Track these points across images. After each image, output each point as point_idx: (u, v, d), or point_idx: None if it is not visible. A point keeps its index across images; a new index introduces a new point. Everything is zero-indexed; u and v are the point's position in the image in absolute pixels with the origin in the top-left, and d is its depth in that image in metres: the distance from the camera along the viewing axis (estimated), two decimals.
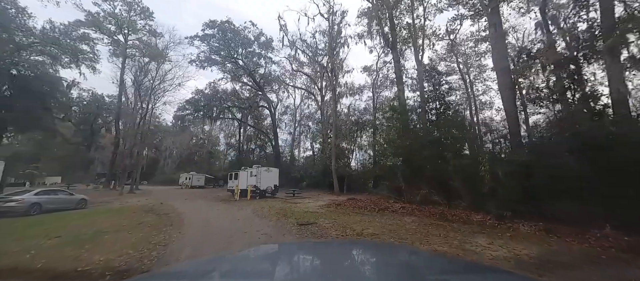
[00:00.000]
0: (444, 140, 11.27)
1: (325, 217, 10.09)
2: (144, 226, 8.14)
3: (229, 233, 7.44)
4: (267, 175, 19.42)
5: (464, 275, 1.33)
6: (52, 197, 11.61)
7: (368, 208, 12.18)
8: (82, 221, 8.95)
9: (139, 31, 32.94)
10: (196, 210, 12.61)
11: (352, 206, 13.14)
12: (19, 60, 17.47)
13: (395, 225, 8.33)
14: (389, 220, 9.31)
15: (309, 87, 35.49)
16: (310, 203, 15.61)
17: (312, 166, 32.20)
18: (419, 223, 8.46)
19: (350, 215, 10.55)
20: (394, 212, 11.02)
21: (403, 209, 11.07)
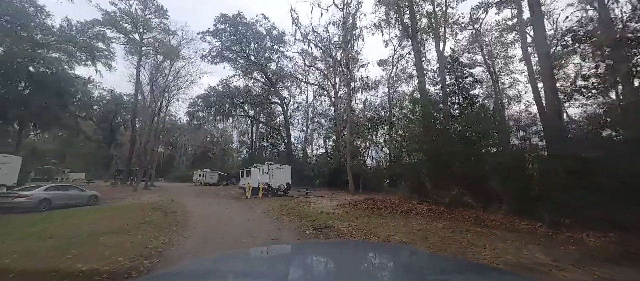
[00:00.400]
0: (475, 135, 9.92)
1: (342, 219, 9.11)
2: (146, 227, 7.51)
3: (236, 236, 6.64)
4: (279, 173, 18.68)
5: (464, 274, 1.33)
6: (62, 193, 11.39)
7: (389, 210, 11.07)
8: (85, 220, 8.49)
9: (153, 29, 33.26)
10: (205, 209, 12.02)
11: (371, 207, 12.07)
12: (37, 56, 17.66)
13: (425, 230, 7.21)
14: (416, 224, 8.17)
15: (322, 82, 34.51)
16: (325, 203, 14.67)
17: (326, 164, 31.24)
18: (453, 229, 7.28)
19: (370, 218, 9.50)
20: (419, 215, 9.85)
21: (430, 212, 9.87)
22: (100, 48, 23.95)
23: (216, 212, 11.01)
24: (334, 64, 28.54)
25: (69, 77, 20.29)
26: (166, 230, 7.06)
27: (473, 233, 6.76)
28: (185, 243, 5.87)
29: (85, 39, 22.34)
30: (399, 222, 8.50)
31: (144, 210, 11.08)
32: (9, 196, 9.95)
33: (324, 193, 21.86)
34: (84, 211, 10.14)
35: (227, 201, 15.55)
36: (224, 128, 59.30)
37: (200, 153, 56.54)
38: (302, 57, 30.63)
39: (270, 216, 9.99)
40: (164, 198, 16.73)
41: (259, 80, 31.92)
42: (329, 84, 34.42)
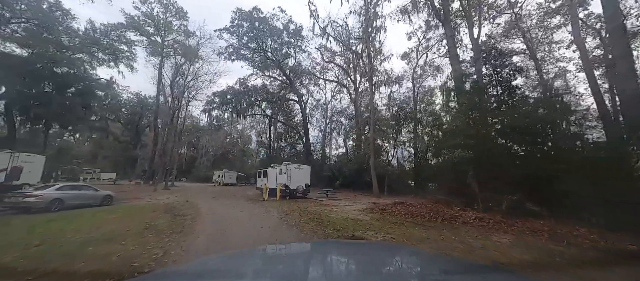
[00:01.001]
0: (543, 126, 7.93)
1: (373, 229, 7.62)
2: (147, 234, 6.54)
3: (247, 248, 5.39)
4: (298, 173, 17.48)
5: (464, 275, 1.34)
6: (75, 193, 10.98)
7: (426, 217, 9.35)
8: (87, 224, 7.76)
9: (174, 32, 33.79)
10: (217, 212, 11.06)
11: (403, 213, 10.39)
12: (61, 58, 17.96)
13: (488, 248, 5.51)
14: (471, 238, 6.46)
15: (341, 79, 33.02)
16: (349, 207, 13.18)
17: (346, 164, 29.66)
18: (526, 248, 5.52)
19: (406, 227, 7.89)
20: (467, 224, 8.06)
21: (481, 221, 8.05)
22: (123, 50, 24.37)
23: (229, 216, 9.96)
24: (354, 58, 26.94)
25: (91, 78, 20.67)
26: (166, 238, 6.00)
27: (569, 258, 4.96)
28: (183, 258, 4.72)
29: (109, 41, 22.73)
30: (447, 234, 6.82)
31: (154, 212, 10.33)
32: (20, 195, 9.59)
33: (346, 195, 20.34)
34: (92, 213, 9.53)
35: (243, 203, 14.59)
36: (242, 129, 59.89)
37: (221, 154, 57.31)
38: (320, 52, 29.40)
39: (288, 222, 8.73)
40: (180, 199, 16.19)
41: (276, 78, 31.15)
42: (349, 81, 32.85)
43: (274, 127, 39.09)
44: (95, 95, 20.14)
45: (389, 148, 28.84)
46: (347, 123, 38.73)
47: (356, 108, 30.31)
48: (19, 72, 17.27)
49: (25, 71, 17.11)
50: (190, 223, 8.16)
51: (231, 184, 37.49)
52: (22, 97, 16.85)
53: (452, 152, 8.80)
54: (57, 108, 17.00)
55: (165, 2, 33.24)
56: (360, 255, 1.78)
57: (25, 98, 16.83)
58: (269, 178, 19.12)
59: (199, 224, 7.98)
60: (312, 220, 8.95)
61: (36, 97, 16.85)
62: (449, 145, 9.64)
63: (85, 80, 20.04)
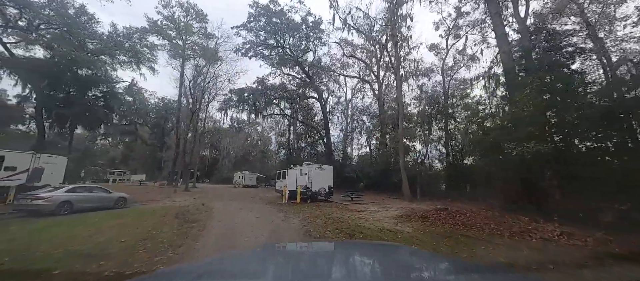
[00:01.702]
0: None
1: (422, 245, 5.84)
2: (144, 246, 5.39)
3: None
4: (320, 175, 15.97)
5: (464, 275, 1.33)
6: (85, 195, 10.37)
7: (485, 230, 7.34)
8: (84, 230, 6.84)
9: (194, 34, 34.09)
10: (232, 217, 9.85)
11: (451, 222, 8.43)
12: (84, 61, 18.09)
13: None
14: (589, 273, 4.45)
15: (363, 74, 31.07)
16: (380, 213, 11.39)
17: (370, 165, 27.68)
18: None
19: (466, 244, 6.02)
20: (550, 242, 5.99)
21: (570, 238, 5.93)
22: (144, 52, 24.62)
23: (243, 223, 8.66)
24: (377, 51, 24.97)
25: (113, 80, 20.89)
26: (158, 257, 4.71)
27: None
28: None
29: (131, 43, 22.97)
30: (536, 257, 4.86)
31: (164, 217, 9.35)
32: (28, 197, 9.04)
33: (372, 199, 18.46)
34: (97, 217, 8.73)
35: (261, 206, 13.35)
36: (262, 130, 59.93)
37: (241, 156, 57.68)
38: (340, 47, 27.74)
39: (311, 233, 7.21)
40: (197, 202, 15.38)
41: (295, 76, 30.04)
42: (371, 76, 30.84)
43: (293, 127, 38.05)
44: (117, 96, 20.30)
45: (417, 146, 26.45)
46: (370, 121, 36.69)
47: (380, 105, 28.23)
48: (46, 76, 17.62)
49: (51, 74, 17.38)
50: (197, 232, 6.93)
51: (251, 186, 36.99)
52: (48, 100, 17.09)
53: (521, 147, 6.76)
54: (80, 109, 17.11)
55: (185, 5, 33.64)
56: (360, 255, 1.80)
57: (51, 100, 17.06)
58: (289, 180, 17.82)
59: (206, 235, 6.72)
60: (340, 230, 7.36)
61: (61, 99, 17.05)
62: (513, 138, 7.53)
63: (107, 82, 20.23)
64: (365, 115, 37.59)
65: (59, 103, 16.94)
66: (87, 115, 18.02)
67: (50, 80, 17.46)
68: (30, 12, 17.63)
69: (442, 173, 24.98)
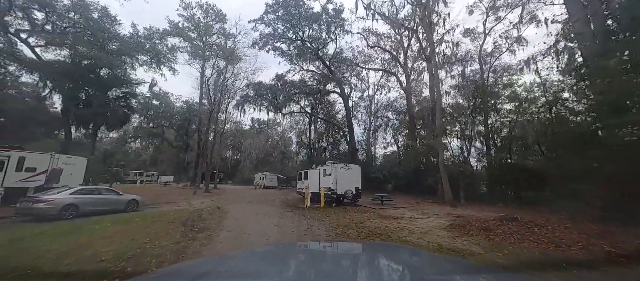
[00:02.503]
0: None
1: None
2: (131, 262, 4.01)
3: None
4: (345, 175, 14.17)
5: (464, 275, 1.32)
6: (93, 198, 9.57)
7: (592, 252, 5.11)
8: (73, 241, 5.73)
9: (213, 35, 34.00)
10: (246, 224, 8.41)
11: (531, 239, 6.22)
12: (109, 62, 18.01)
13: None
14: None
15: (389, 66, 28.69)
16: (422, 221, 9.34)
17: (398, 164, 25.30)
18: None
19: (581, 278, 3.91)
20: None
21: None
22: (164, 51, 24.58)
23: (258, 233, 7.14)
24: (406, 37, 22.61)
25: (131, 81, 20.85)
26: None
27: None
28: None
29: (151, 44, 22.93)
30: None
31: (171, 223, 8.16)
32: (31, 200, 8.31)
33: (405, 202, 16.27)
34: (98, 223, 7.72)
35: (281, 211, 11.86)
36: (282, 131, 59.38)
37: (262, 157, 57.56)
38: (363, 37, 25.68)
39: None
40: (214, 204, 14.35)
41: (315, 71, 28.49)
42: (398, 68, 28.37)
43: (314, 125, 36.56)
44: (137, 97, 20.24)
45: (452, 143, 23.55)
46: (395, 118, 34.11)
47: (408, 99, 25.71)
48: (69, 77, 17.73)
49: (74, 76, 17.43)
50: (199, 247, 5.50)
51: (272, 187, 36.13)
52: (71, 101, 17.12)
53: None
54: (100, 109, 17.00)
55: (205, 6, 33.63)
56: (360, 255, 1.83)
57: (73, 102, 17.08)
58: (311, 181, 16.22)
59: (208, 251, 5.26)
60: None
61: (82, 100, 17.03)
62: (624, 122, 5.23)
63: (127, 83, 20.19)
64: (390, 111, 35.08)
65: (79, 104, 16.92)
66: (108, 115, 17.94)
67: (73, 82, 17.56)
68: (55, 15, 17.83)
69: (483, 174, 21.92)
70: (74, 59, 17.69)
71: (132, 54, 20.77)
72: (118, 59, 20.49)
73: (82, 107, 16.95)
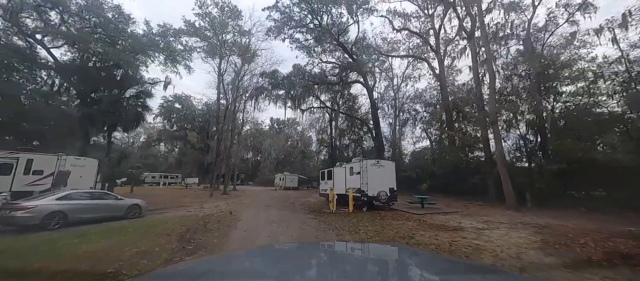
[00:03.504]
0: None
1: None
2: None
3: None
4: (377, 173, 11.84)
5: (464, 275, 1.32)
6: (85, 204, 8.25)
7: None
8: (15, 265, 4.09)
9: (229, 33, 33.20)
10: (258, 236, 6.51)
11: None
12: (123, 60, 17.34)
13: None
14: None
15: (418, 51, 25.66)
16: (493, 234, 6.79)
17: (432, 161, 22.32)
18: None
19: None
20: None
21: None
22: (179, 50, 23.86)
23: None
24: (441, 12, 19.65)
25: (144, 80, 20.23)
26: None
27: None
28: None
29: (165, 42, 22.25)
30: None
31: (167, 237, 6.51)
32: (9, 207, 7.08)
33: (450, 205, 13.57)
34: (78, 237, 6.25)
35: (302, 218, 9.87)
36: (302, 130, 57.92)
37: (282, 157, 56.64)
38: (389, 20, 23.03)
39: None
40: (228, 208, 12.78)
41: (335, 63, 26.29)
42: (429, 54, 25.30)
43: (335, 122, 34.40)
44: (151, 96, 19.53)
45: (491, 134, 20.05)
46: (424, 110, 30.88)
47: (442, 87, 22.60)
48: (85, 77, 17.25)
49: (88, 76, 16.91)
50: None
51: (292, 188, 34.50)
52: (86, 102, 16.58)
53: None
54: (113, 108, 16.29)
55: (220, 4, 32.89)
56: (360, 256, 1.80)
57: (89, 102, 16.52)
58: (336, 181, 14.10)
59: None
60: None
61: (95, 100, 16.43)
62: None
63: (140, 82, 19.51)
64: (418, 103, 31.93)
65: (93, 104, 16.34)
66: (122, 115, 17.27)
67: (87, 82, 17.07)
68: (67, 14, 17.44)
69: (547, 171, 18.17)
70: (87, 59, 17.28)
71: (146, 52, 20.14)
72: (132, 57, 19.84)
73: (96, 108, 16.34)
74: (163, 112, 48.93)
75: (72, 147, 17.23)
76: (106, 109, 17.17)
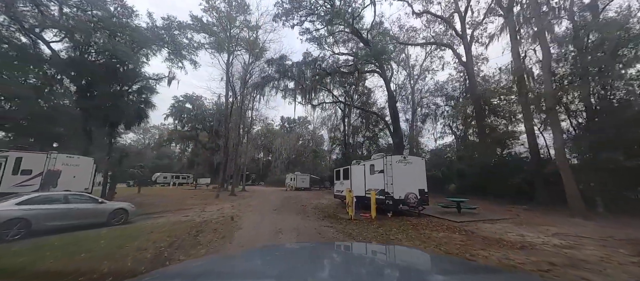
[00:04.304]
0: None
1: None
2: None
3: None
4: (405, 171, 9.90)
5: (464, 275, 1.29)
6: (55, 209, 6.88)
7: None
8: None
9: (237, 27, 32.14)
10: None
11: None
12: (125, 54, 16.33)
13: None
14: None
15: (440, 39, 23.29)
16: (581, 254, 4.74)
17: (459, 159, 19.96)
18: None
19: None
20: None
21: None
22: (185, 43, 22.80)
23: None
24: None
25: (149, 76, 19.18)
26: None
27: None
28: None
29: (169, 35, 21.21)
30: None
31: (143, 251, 4.95)
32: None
33: (487, 208, 11.37)
34: (32, 252, 4.78)
35: (316, 226, 8.11)
36: (314, 129, 56.37)
37: (294, 157, 55.37)
38: (407, 3, 20.83)
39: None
40: (232, 212, 11.27)
41: (349, 54, 24.36)
42: (453, 38, 22.90)
43: (348, 119, 32.44)
44: (154, 91, 18.46)
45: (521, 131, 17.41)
46: (446, 104, 28.37)
47: (470, 76, 20.16)
48: (85, 73, 16.34)
49: (88, 71, 15.99)
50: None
51: (304, 188, 32.86)
52: (86, 98, 15.64)
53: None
54: (116, 105, 15.30)
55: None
56: (361, 256, 1.79)
57: (89, 99, 15.58)
58: (354, 181, 12.25)
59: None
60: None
61: (97, 96, 15.48)
62: None
63: (143, 78, 18.49)
64: (439, 96, 29.45)
65: (94, 100, 15.37)
66: (124, 112, 16.22)
67: (88, 77, 16.16)
68: (66, 6, 16.59)
69: None
70: (85, 51, 16.38)
71: (149, 45, 19.12)
72: (134, 51, 18.87)
73: (95, 103, 15.37)
74: (174, 112, 48.82)
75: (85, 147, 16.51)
76: (106, 105, 16.20)
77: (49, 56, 15.32)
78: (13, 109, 14.91)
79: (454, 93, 28.17)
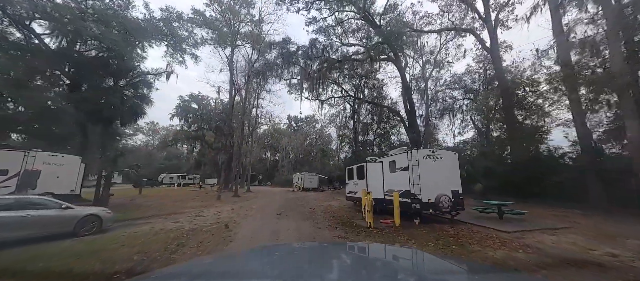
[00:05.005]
0: None
1: None
2: None
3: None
4: (434, 169, 8.16)
5: (464, 275, 1.30)
6: (8, 217, 5.47)
7: None
8: None
9: (241, 21, 30.94)
10: None
11: None
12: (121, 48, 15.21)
13: None
14: None
15: (460, 23, 21.20)
16: None
17: (485, 156, 17.92)
18: None
19: None
20: None
21: None
22: (185, 36, 21.64)
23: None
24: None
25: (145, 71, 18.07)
26: None
27: None
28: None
29: (169, 28, 20.06)
30: None
31: (94, 270, 3.43)
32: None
33: (535, 213, 9.44)
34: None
35: (327, 236, 6.52)
36: (321, 127, 54.81)
37: (301, 156, 53.99)
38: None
39: None
40: (229, 216, 9.84)
41: (359, 45, 22.61)
42: (473, 22, 20.80)
43: (358, 115, 30.65)
44: (150, 86, 17.31)
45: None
46: (464, 97, 26.22)
47: (496, 64, 18.06)
48: (79, 67, 15.30)
49: (82, 65, 14.92)
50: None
51: (312, 189, 31.27)
52: (81, 93, 14.57)
53: None
54: (111, 101, 14.15)
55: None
56: (361, 256, 1.77)
57: (83, 94, 14.51)
58: (370, 180, 10.57)
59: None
60: None
61: (92, 92, 14.40)
62: None
63: (139, 73, 17.35)
64: (457, 89, 27.31)
65: (88, 96, 14.28)
66: (120, 108, 15.08)
67: (81, 72, 15.10)
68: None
69: None
70: (79, 47, 15.37)
71: (146, 38, 18.00)
72: (127, 41, 17.76)
73: (85, 97, 14.27)
74: (180, 112, 48.26)
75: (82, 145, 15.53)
76: (98, 100, 15.11)
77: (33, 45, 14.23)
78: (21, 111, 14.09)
79: (473, 86, 26.04)
